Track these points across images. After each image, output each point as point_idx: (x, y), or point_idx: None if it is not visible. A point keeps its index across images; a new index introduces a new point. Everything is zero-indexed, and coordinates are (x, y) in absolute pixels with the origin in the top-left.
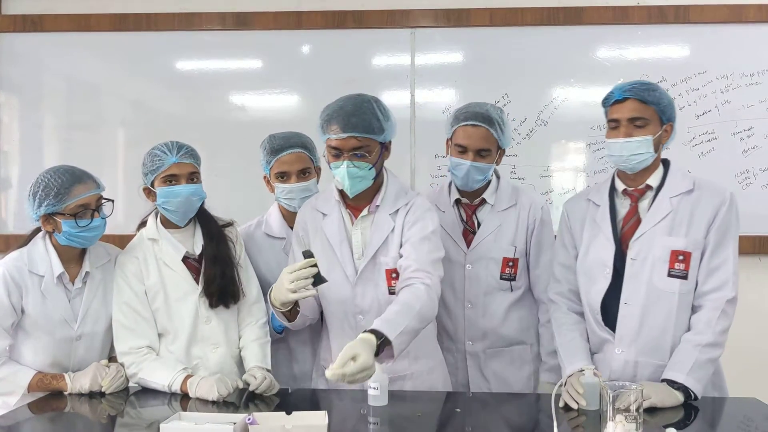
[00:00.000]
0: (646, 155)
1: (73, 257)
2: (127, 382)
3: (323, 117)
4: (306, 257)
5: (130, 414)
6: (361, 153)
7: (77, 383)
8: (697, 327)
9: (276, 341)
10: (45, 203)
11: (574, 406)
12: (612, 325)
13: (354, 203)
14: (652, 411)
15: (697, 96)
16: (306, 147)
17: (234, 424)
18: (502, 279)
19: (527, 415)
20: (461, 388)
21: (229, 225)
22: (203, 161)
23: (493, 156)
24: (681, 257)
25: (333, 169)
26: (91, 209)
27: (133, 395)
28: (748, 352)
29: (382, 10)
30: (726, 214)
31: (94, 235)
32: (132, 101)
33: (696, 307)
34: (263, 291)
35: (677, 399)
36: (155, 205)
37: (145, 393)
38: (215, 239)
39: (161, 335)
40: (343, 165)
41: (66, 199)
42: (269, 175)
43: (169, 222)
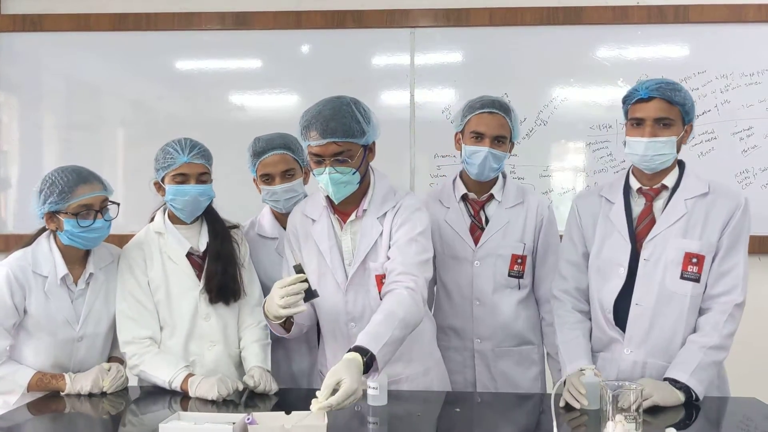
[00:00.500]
0: (669, 156)
1: (77, 258)
2: (127, 381)
3: (302, 123)
4: (297, 272)
5: (129, 414)
6: (343, 158)
7: (78, 384)
8: (704, 329)
9: (274, 341)
10: (49, 200)
11: (576, 405)
12: (621, 325)
13: (342, 208)
14: (652, 410)
15: (697, 96)
16: (289, 148)
17: (233, 424)
18: (510, 276)
19: (527, 415)
20: (469, 386)
21: (235, 227)
22: None
23: (507, 146)
24: (694, 260)
25: (316, 176)
26: (95, 210)
27: (133, 395)
28: (748, 351)
29: (381, 9)
30: (740, 218)
31: (96, 237)
32: (131, 101)
33: (703, 309)
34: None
35: (678, 398)
36: (163, 201)
37: (145, 393)
38: (220, 237)
39: (161, 328)
40: (326, 172)
41: (69, 198)
42: (256, 178)
43: (176, 217)
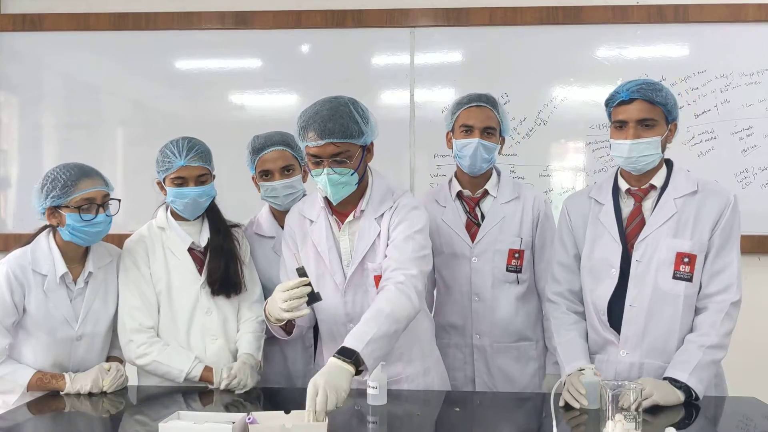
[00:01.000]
0: (654, 156)
1: (76, 257)
2: (127, 381)
3: (299, 123)
4: (300, 275)
5: (129, 413)
6: (341, 159)
7: (78, 384)
8: (702, 328)
9: (269, 341)
10: (51, 195)
11: (576, 405)
12: (616, 326)
13: (340, 208)
14: (651, 410)
15: (697, 95)
16: (288, 144)
17: (233, 423)
18: (508, 271)
19: (527, 414)
20: (469, 383)
21: (236, 226)
22: None
23: (497, 138)
24: (686, 259)
25: (314, 177)
26: (97, 204)
27: (132, 395)
28: (747, 351)
29: (381, 9)
30: (730, 216)
31: (97, 231)
32: (131, 100)
33: (700, 309)
34: None
35: (678, 398)
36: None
37: (144, 392)
38: (222, 233)
39: (161, 321)
40: (324, 173)
41: (71, 192)
42: (255, 175)
43: (178, 214)
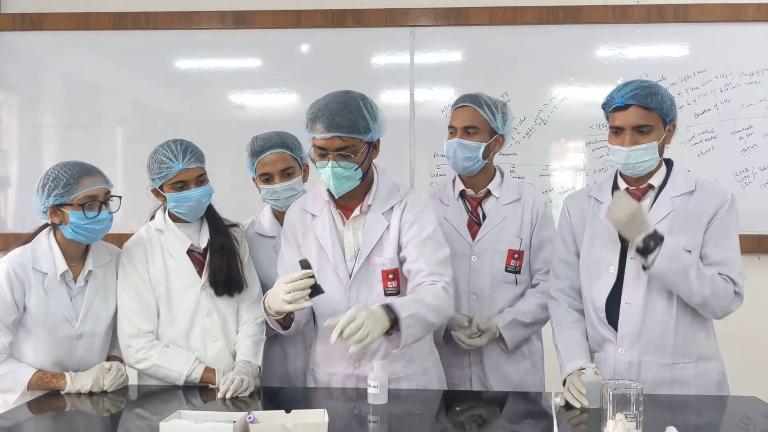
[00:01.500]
0: (651, 161)
1: (76, 255)
2: (128, 380)
3: (309, 115)
4: (303, 267)
5: (129, 413)
6: (347, 153)
7: (78, 383)
8: None
9: (269, 340)
10: (54, 194)
11: (576, 405)
12: (614, 324)
13: (344, 203)
14: (651, 409)
15: (697, 95)
16: (287, 146)
17: (234, 422)
18: (507, 271)
19: (527, 413)
20: (466, 381)
21: (235, 226)
22: None
23: (483, 136)
24: None
25: (318, 169)
26: (99, 201)
27: (133, 394)
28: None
29: (381, 8)
30: (726, 213)
31: (100, 229)
32: (131, 100)
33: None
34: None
35: (640, 227)
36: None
37: (144, 391)
38: (221, 232)
39: (160, 325)
40: (328, 165)
41: (75, 190)
42: (255, 177)
43: (177, 216)
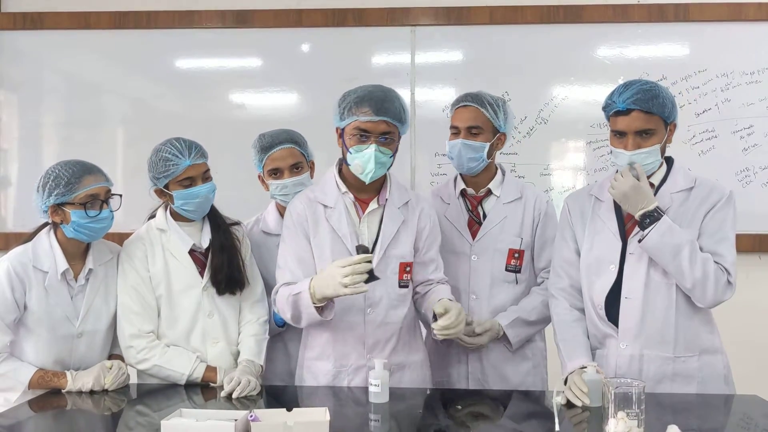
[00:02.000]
0: (654, 163)
1: (77, 254)
2: (129, 379)
3: (351, 99)
4: (360, 252)
5: (131, 411)
6: (390, 139)
7: (79, 382)
8: None
9: (271, 339)
10: (55, 193)
11: (578, 403)
12: (614, 320)
13: (361, 195)
14: (653, 408)
15: (698, 94)
16: (296, 142)
17: (235, 420)
18: (507, 270)
19: (528, 412)
20: (462, 380)
21: (236, 224)
22: None
23: (487, 136)
24: None
25: (355, 153)
26: (101, 200)
27: (134, 392)
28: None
29: (382, 8)
30: (722, 206)
31: (101, 227)
32: (132, 99)
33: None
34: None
35: (641, 202)
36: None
37: (145, 390)
38: (222, 230)
39: (161, 325)
40: (371, 147)
41: (76, 189)
42: (263, 173)
43: (179, 215)
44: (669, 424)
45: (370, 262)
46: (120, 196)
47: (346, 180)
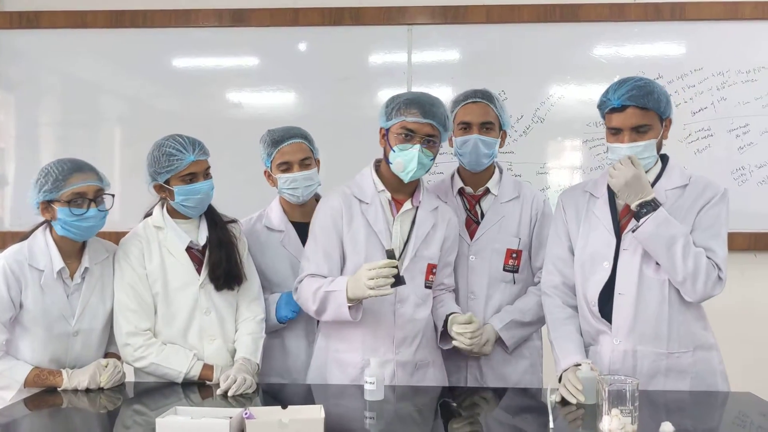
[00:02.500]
0: (651, 159)
1: (73, 252)
2: (125, 377)
3: (400, 101)
4: (388, 257)
5: (126, 409)
6: (434, 141)
7: (75, 380)
8: None
9: (270, 336)
10: (44, 189)
11: (572, 401)
12: (608, 317)
13: (398, 195)
14: (648, 407)
15: (693, 93)
16: (306, 137)
17: (230, 418)
18: (505, 270)
19: (524, 409)
20: (461, 379)
21: (233, 222)
22: None
23: (496, 132)
24: None
25: (398, 151)
26: (88, 199)
27: (130, 391)
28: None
29: (379, 6)
30: (716, 203)
31: (89, 226)
32: (128, 98)
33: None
34: (261, 284)
35: (639, 192)
36: (161, 198)
37: (141, 388)
38: (219, 226)
39: (157, 322)
40: (415, 148)
41: (62, 186)
42: (270, 168)
43: (176, 212)
44: (663, 421)
45: (396, 267)
46: (112, 195)
47: (383, 178)
